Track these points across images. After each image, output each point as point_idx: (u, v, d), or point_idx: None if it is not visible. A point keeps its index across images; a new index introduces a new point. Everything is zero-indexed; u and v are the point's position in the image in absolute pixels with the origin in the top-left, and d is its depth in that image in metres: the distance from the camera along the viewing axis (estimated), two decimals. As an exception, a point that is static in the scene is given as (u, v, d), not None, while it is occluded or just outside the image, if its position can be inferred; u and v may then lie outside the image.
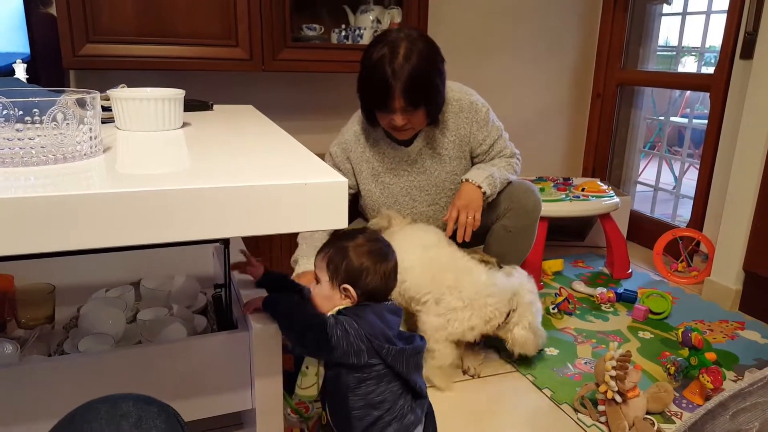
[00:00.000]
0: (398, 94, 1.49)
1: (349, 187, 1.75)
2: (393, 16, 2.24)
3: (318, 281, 1.13)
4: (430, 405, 1.17)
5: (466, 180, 1.66)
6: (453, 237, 1.69)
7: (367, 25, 2.22)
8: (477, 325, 1.52)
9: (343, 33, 2.22)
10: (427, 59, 1.52)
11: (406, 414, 1.09)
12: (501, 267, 1.68)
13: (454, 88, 1.71)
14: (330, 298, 1.11)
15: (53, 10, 1.87)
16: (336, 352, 1.03)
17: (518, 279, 1.59)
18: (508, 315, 1.55)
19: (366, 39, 2.20)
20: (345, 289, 1.10)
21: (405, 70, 1.48)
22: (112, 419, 0.56)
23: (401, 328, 1.15)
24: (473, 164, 1.77)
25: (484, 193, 1.63)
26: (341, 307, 1.10)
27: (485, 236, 1.80)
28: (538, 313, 1.61)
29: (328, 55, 2.16)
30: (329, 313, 1.09)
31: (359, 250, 1.11)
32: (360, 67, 1.58)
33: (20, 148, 0.66)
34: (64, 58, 1.86)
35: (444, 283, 1.53)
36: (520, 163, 1.81)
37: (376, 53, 1.51)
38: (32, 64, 1.71)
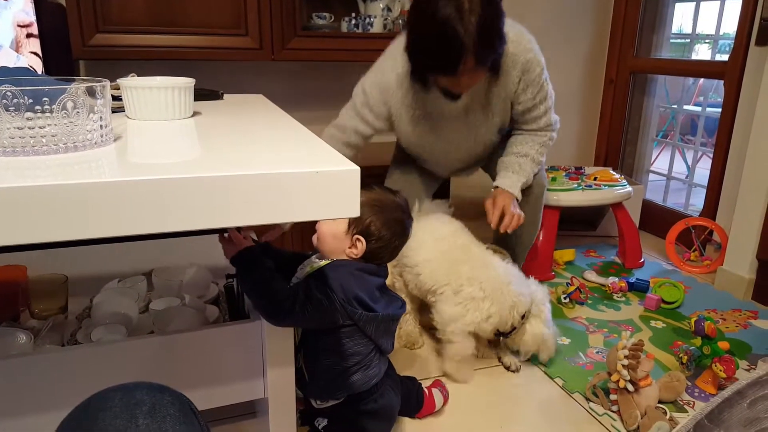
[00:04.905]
0: (470, 56, 1.34)
1: (376, 130, 1.68)
2: (403, 4, 2.22)
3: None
4: (391, 364, 1.28)
5: (498, 187, 1.64)
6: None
7: (378, 13, 2.20)
8: (494, 314, 1.49)
9: (353, 21, 2.20)
10: (490, 3, 1.35)
11: (371, 367, 1.17)
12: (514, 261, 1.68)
13: (513, 39, 1.52)
14: (340, 239, 1.15)
15: (62, 0, 1.87)
16: (293, 323, 1.06)
17: (534, 284, 1.59)
18: (523, 316, 1.52)
19: (376, 27, 2.18)
20: (357, 240, 1.14)
21: (474, 25, 1.31)
22: (126, 407, 0.56)
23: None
24: (512, 121, 1.70)
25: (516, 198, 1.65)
26: (344, 258, 1.15)
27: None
28: (550, 320, 1.59)
29: (339, 44, 2.14)
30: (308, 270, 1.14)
31: (389, 217, 1.16)
32: (415, 29, 1.42)
33: (31, 137, 0.66)
34: (74, 48, 1.86)
35: (462, 275, 1.51)
36: (556, 135, 1.73)
37: (441, 12, 1.31)
38: (42, 54, 1.71)
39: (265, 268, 1.06)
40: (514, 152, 1.70)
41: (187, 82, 0.99)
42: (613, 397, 1.41)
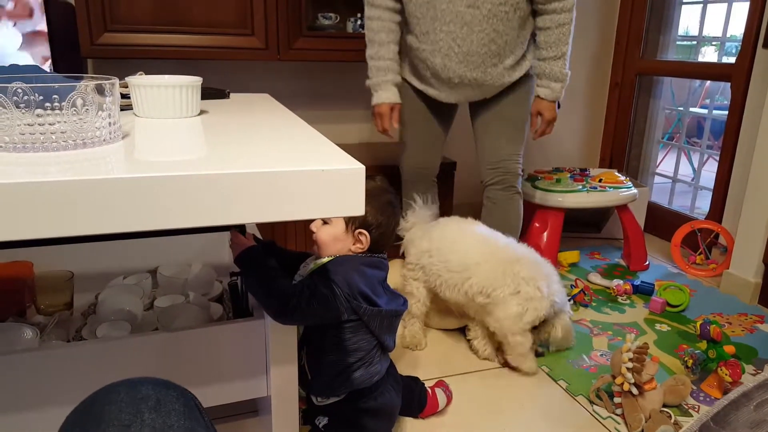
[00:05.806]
0: None
1: None
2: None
3: (326, 222, 1.18)
4: (393, 364, 1.28)
5: (543, 97, 1.75)
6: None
7: (383, 13, 2.20)
8: (545, 311, 1.53)
9: (359, 22, 2.20)
10: None
11: (374, 364, 1.18)
12: None
13: None
14: (342, 239, 1.16)
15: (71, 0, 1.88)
16: (300, 320, 1.07)
17: None
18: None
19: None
20: (360, 233, 1.15)
21: None
22: (131, 402, 0.57)
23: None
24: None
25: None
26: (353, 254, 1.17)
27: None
28: None
29: (344, 45, 2.15)
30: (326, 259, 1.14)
31: (379, 203, 1.17)
32: None
33: (41, 134, 0.66)
34: (83, 46, 1.87)
35: (518, 275, 1.51)
36: (575, 14, 1.74)
37: None
38: (51, 53, 1.72)
39: (268, 267, 1.06)
40: (551, 56, 1.77)
41: (195, 81, 1.00)
42: (617, 400, 1.41)
